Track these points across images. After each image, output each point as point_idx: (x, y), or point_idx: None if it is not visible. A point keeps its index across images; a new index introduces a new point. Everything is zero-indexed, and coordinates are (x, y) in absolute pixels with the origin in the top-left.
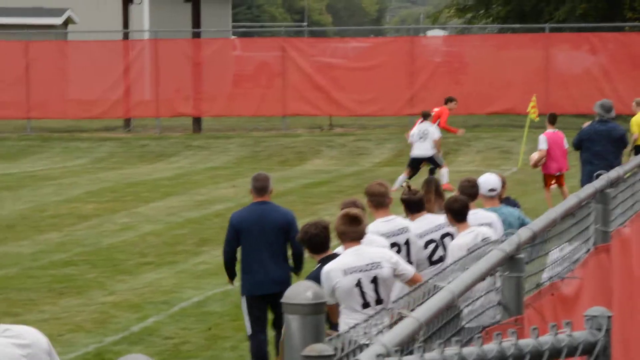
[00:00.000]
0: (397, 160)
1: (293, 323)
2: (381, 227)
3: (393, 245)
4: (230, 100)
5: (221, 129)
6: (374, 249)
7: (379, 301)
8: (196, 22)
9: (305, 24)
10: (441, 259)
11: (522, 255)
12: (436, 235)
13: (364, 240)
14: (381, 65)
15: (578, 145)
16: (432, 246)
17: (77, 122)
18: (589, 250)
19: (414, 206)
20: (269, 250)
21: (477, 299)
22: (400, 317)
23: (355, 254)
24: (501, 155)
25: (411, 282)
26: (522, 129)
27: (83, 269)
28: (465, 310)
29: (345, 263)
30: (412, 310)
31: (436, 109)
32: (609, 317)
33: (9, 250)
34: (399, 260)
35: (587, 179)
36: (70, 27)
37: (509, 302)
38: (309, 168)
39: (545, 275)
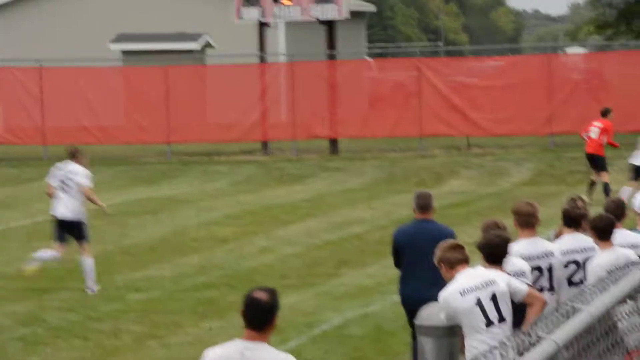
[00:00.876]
0: (536, 180)
1: (427, 346)
2: (524, 248)
3: (535, 269)
4: (365, 122)
5: (357, 151)
6: (485, 270)
7: (501, 319)
8: (331, 43)
9: (440, 43)
10: (581, 282)
11: None
12: (580, 257)
13: (506, 260)
14: (519, 84)
15: None
16: (573, 267)
17: (215, 145)
18: None
19: (570, 220)
20: (428, 266)
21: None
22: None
23: (467, 276)
24: None
25: (528, 299)
26: None
27: (224, 291)
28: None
29: (460, 285)
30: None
31: (597, 123)
32: None
33: (151, 274)
34: (511, 278)
35: None
36: (207, 51)
37: None
38: (446, 189)
39: None
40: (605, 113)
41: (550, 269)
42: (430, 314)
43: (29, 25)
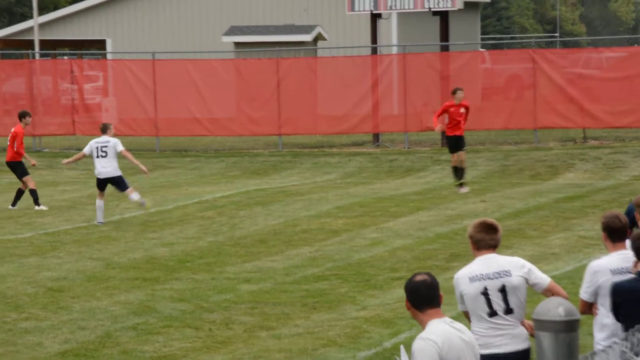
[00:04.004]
0: None
1: (545, 341)
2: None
3: None
4: (479, 114)
5: (470, 143)
6: (507, 258)
7: (508, 310)
8: (444, 35)
9: (557, 34)
10: None
11: None
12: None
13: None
14: (637, 75)
15: None
16: None
17: (326, 137)
18: None
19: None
20: None
21: None
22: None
23: (484, 262)
24: None
25: (548, 291)
26: None
27: (335, 283)
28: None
29: (472, 270)
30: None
31: None
32: None
33: (262, 265)
34: (532, 269)
35: None
36: (319, 43)
37: None
38: (561, 182)
39: None
40: None
41: None
42: (548, 309)
43: (142, 18)
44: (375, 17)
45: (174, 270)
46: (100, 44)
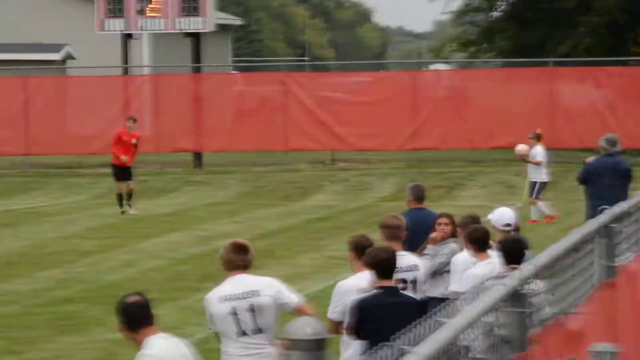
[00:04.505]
0: (400, 195)
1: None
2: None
3: (400, 281)
4: (231, 135)
5: (222, 164)
6: (257, 278)
7: (257, 330)
8: (196, 56)
9: (306, 58)
10: None
11: (526, 290)
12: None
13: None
14: (384, 100)
15: (584, 179)
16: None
17: (76, 158)
18: (593, 285)
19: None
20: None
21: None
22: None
23: (234, 283)
24: (506, 190)
25: (297, 311)
26: (526, 163)
27: (84, 306)
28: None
29: (222, 291)
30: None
31: None
32: (615, 352)
33: (9, 288)
34: (281, 289)
35: (592, 213)
36: (69, 62)
37: (513, 338)
38: (311, 203)
39: (549, 310)
40: None
41: (414, 282)
42: (296, 328)
43: None
44: (126, 38)
45: None
46: None
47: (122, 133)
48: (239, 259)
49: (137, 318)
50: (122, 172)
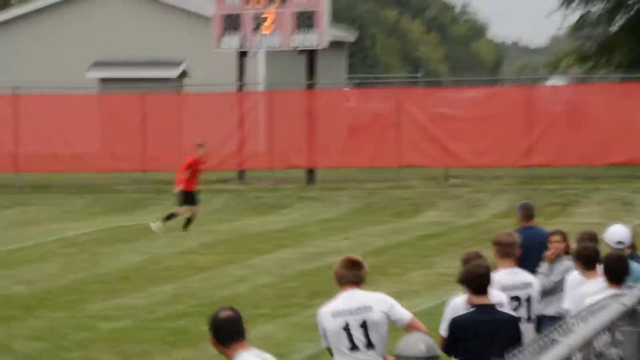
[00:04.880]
0: (513, 212)
1: None
2: (505, 278)
3: (514, 299)
4: (344, 152)
5: (334, 181)
6: (369, 294)
7: (369, 345)
8: (311, 73)
9: (419, 75)
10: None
11: None
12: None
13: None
14: (498, 115)
15: None
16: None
17: None
18: None
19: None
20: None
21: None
22: None
23: (346, 298)
24: (623, 207)
25: (409, 327)
26: None
27: (197, 320)
28: None
29: (335, 306)
30: None
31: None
32: None
33: (124, 303)
34: (394, 304)
35: None
36: (185, 79)
37: (630, 357)
38: (423, 220)
39: None
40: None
41: (529, 300)
42: (409, 344)
43: (4, 49)
44: (242, 55)
45: (32, 308)
46: None
47: (192, 161)
48: (352, 274)
49: (228, 332)
50: (192, 198)
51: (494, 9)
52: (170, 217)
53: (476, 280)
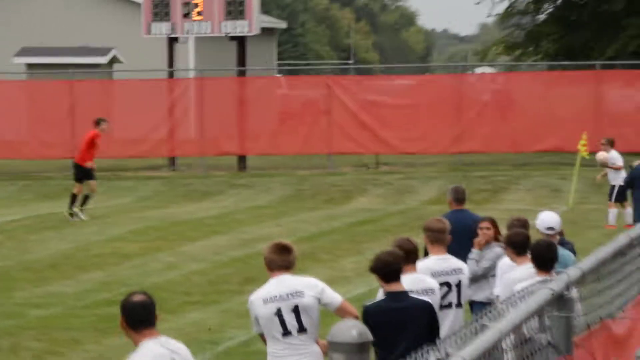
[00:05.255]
0: (444, 198)
1: None
2: (434, 264)
3: (444, 284)
4: (275, 138)
5: (266, 168)
6: (300, 278)
7: (301, 329)
8: (241, 60)
9: (351, 61)
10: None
11: (572, 295)
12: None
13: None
14: (428, 103)
15: (630, 183)
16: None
17: (120, 161)
18: None
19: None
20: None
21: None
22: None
23: (277, 283)
24: (551, 193)
25: (340, 311)
26: (572, 167)
27: None
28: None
29: (266, 292)
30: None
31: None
32: None
33: (52, 290)
34: (325, 288)
35: (638, 217)
36: (115, 66)
37: (559, 342)
38: (354, 207)
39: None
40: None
41: (459, 285)
42: (342, 330)
43: None
44: (172, 41)
45: None
46: None
47: (95, 136)
48: (281, 259)
49: (139, 317)
50: (87, 173)
51: None
52: (85, 200)
53: (385, 267)
